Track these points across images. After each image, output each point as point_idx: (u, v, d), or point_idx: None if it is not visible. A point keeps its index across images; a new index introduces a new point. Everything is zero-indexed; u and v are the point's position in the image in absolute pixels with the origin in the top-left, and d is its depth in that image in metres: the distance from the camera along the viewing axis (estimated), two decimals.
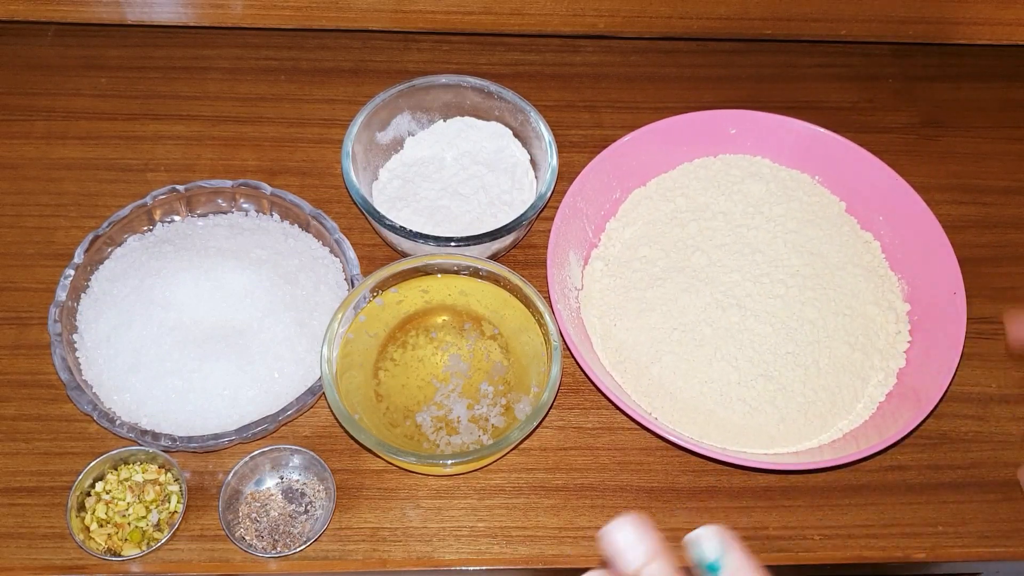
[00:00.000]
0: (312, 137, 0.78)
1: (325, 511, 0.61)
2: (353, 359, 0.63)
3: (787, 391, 0.64)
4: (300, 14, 0.78)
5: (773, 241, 0.69)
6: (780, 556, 0.62)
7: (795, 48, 0.86)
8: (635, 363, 0.65)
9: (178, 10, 0.78)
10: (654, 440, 0.65)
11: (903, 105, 0.84)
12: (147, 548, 0.58)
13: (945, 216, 0.71)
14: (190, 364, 0.61)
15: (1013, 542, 0.63)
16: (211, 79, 0.81)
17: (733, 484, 0.64)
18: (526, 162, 0.74)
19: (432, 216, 0.70)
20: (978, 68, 0.86)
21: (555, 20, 0.80)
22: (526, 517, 0.62)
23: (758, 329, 0.65)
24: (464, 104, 0.75)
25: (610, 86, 0.83)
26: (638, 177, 0.73)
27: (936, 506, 0.64)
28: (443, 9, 0.78)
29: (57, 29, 0.83)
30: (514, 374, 0.64)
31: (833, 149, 0.73)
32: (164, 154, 0.76)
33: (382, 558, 0.60)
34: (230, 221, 0.70)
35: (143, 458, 0.61)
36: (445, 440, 0.61)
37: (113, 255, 0.67)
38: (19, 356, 0.66)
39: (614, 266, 0.70)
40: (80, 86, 0.80)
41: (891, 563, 0.63)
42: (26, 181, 0.74)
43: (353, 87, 0.81)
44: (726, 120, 0.74)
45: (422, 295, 0.66)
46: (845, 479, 0.65)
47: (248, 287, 0.64)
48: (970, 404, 0.68)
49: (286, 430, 0.64)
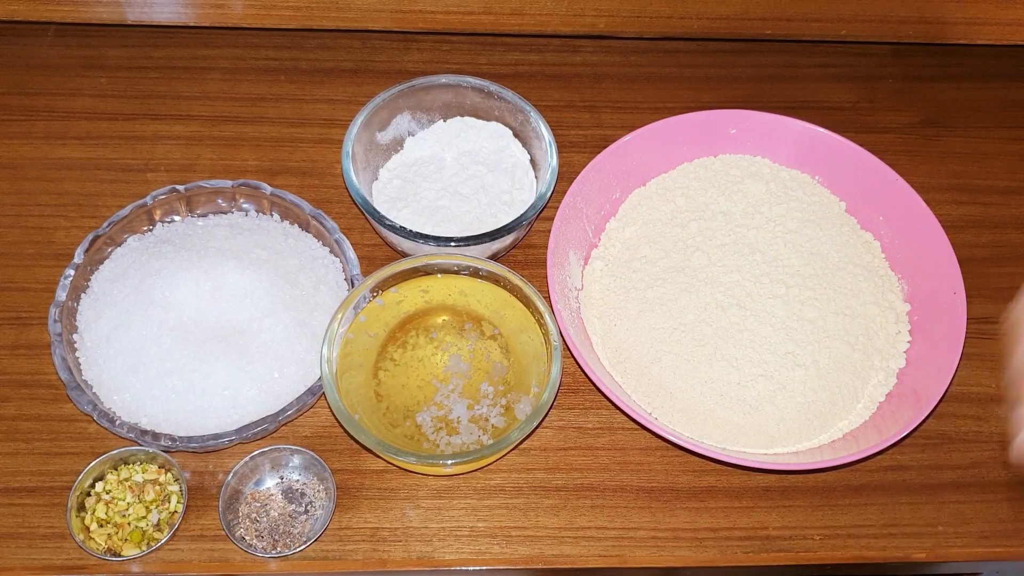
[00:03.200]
0: (312, 137, 0.78)
1: (325, 511, 0.61)
2: (353, 359, 0.63)
3: (787, 391, 0.64)
4: (300, 14, 0.78)
5: (773, 241, 0.69)
6: (780, 556, 0.62)
7: (795, 48, 0.86)
8: (635, 363, 0.65)
9: (178, 10, 0.78)
10: (654, 440, 0.65)
11: (903, 105, 0.84)
12: (147, 548, 0.58)
13: (945, 216, 0.71)
14: (190, 364, 0.61)
15: (1013, 542, 0.63)
16: (211, 79, 0.81)
17: (733, 484, 0.64)
18: (526, 162, 0.74)
19: (432, 216, 0.70)
20: (978, 68, 0.86)
21: (555, 20, 0.80)
22: (526, 517, 0.62)
23: (758, 329, 0.65)
24: (464, 104, 0.75)
25: (610, 86, 0.83)
26: (638, 177, 0.73)
27: (936, 506, 0.64)
28: (443, 9, 0.78)
29: (57, 29, 0.83)
30: (514, 374, 0.64)
31: (833, 149, 0.73)
32: (164, 154, 0.76)
33: (382, 558, 0.60)
34: (230, 221, 0.70)
35: (143, 458, 0.61)
36: (445, 440, 0.61)
37: (113, 255, 0.67)
38: (19, 356, 0.66)
39: (614, 266, 0.70)
40: (80, 86, 0.80)
41: (891, 563, 0.63)
42: (26, 181, 0.74)
43: (353, 87, 0.81)
44: (726, 120, 0.74)
45: (422, 295, 0.66)
46: (845, 479, 0.65)
47: (248, 287, 0.64)
48: (970, 404, 0.68)
49: (286, 430, 0.64)
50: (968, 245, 0.74)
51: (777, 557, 0.62)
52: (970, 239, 0.75)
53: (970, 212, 0.77)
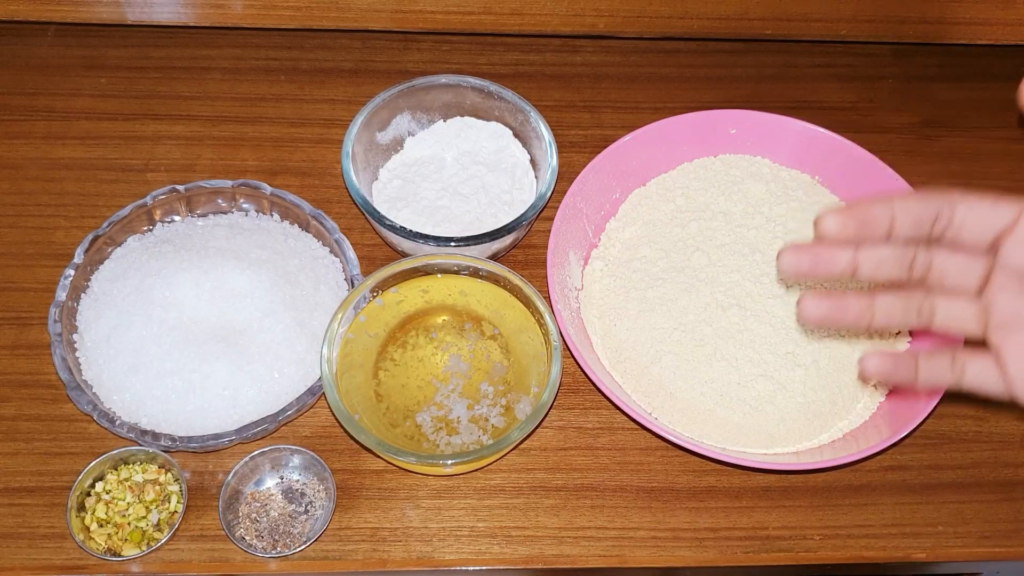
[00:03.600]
0: (312, 137, 0.78)
1: (325, 511, 0.61)
2: (353, 359, 0.63)
3: (787, 391, 0.64)
4: (300, 14, 0.78)
5: (773, 241, 0.69)
6: (780, 556, 0.62)
7: (795, 48, 0.86)
8: (635, 363, 0.65)
9: (178, 10, 0.78)
10: (654, 440, 0.65)
11: (903, 105, 0.84)
12: (147, 548, 0.58)
13: None
14: (190, 364, 0.61)
15: (1013, 542, 0.63)
16: (211, 79, 0.81)
17: (733, 484, 0.64)
18: (526, 162, 0.74)
19: (432, 216, 0.70)
20: (978, 68, 0.86)
21: (555, 20, 0.80)
22: (526, 517, 0.62)
23: (758, 329, 0.65)
24: (464, 104, 0.75)
25: (610, 86, 0.83)
26: (638, 177, 0.73)
27: (936, 506, 0.64)
28: (443, 9, 0.78)
29: (57, 29, 0.83)
30: (514, 374, 0.64)
31: (833, 149, 0.73)
32: (164, 154, 0.76)
33: (382, 558, 0.60)
34: (230, 221, 0.70)
35: (143, 458, 0.61)
36: (445, 440, 0.61)
37: (113, 255, 0.67)
38: (19, 356, 0.66)
39: (614, 266, 0.70)
40: (80, 86, 0.80)
41: (891, 563, 0.63)
42: (26, 181, 0.74)
43: (353, 87, 0.81)
44: (726, 120, 0.74)
45: (422, 295, 0.66)
46: (845, 479, 0.65)
47: (248, 287, 0.64)
48: (970, 404, 0.68)
49: (286, 430, 0.64)
50: None
51: (777, 557, 0.62)
52: None
53: None
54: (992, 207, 0.44)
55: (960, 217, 0.44)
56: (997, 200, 0.44)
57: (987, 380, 0.45)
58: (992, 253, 0.45)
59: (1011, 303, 0.45)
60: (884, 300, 0.45)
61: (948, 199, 0.44)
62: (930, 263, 0.45)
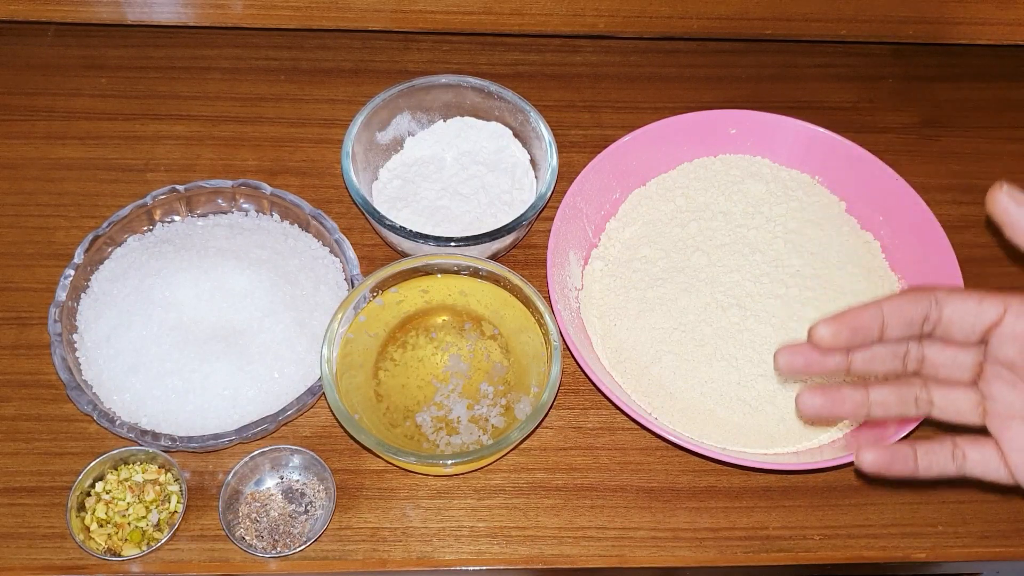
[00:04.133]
0: (312, 137, 0.78)
1: (325, 511, 0.61)
2: (353, 359, 0.63)
3: (787, 391, 0.64)
4: (300, 14, 0.78)
5: (773, 241, 0.69)
6: (780, 556, 0.62)
7: (795, 48, 0.86)
8: (635, 363, 0.65)
9: (178, 10, 0.78)
10: (654, 440, 0.65)
11: (903, 105, 0.84)
12: (147, 548, 0.58)
13: (945, 216, 0.71)
14: (190, 364, 0.61)
15: (1013, 542, 0.63)
16: (211, 79, 0.81)
17: (733, 484, 0.64)
18: (526, 162, 0.74)
19: (432, 216, 0.70)
20: (978, 68, 0.86)
21: (555, 20, 0.80)
22: (526, 517, 0.62)
23: (758, 329, 0.65)
24: (464, 104, 0.75)
25: (610, 86, 0.83)
26: (638, 177, 0.73)
27: (936, 506, 0.64)
28: (443, 9, 0.78)
29: (57, 29, 0.83)
30: (514, 374, 0.64)
31: (833, 149, 0.73)
32: (164, 154, 0.76)
33: (382, 558, 0.60)
34: (230, 221, 0.70)
35: (143, 458, 0.61)
36: (445, 440, 0.61)
37: (113, 255, 0.67)
38: (19, 356, 0.66)
39: (614, 266, 0.70)
40: (80, 86, 0.80)
41: (891, 563, 0.63)
42: (26, 181, 0.74)
43: (353, 87, 0.81)
44: (726, 120, 0.74)
45: (422, 295, 0.66)
46: (845, 479, 0.65)
47: (248, 287, 0.64)
48: None
49: (286, 430, 0.64)
50: (968, 245, 0.74)
51: (777, 557, 0.62)
52: (970, 239, 0.75)
53: (970, 212, 0.77)
54: (978, 304, 0.45)
55: (948, 315, 0.46)
56: (982, 297, 0.45)
57: (989, 468, 0.47)
58: (983, 344, 0.46)
59: (1006, 394, 0.46)
60: (880, 392, 0.47)
61: (935, 297, 0.45)
62: (923, 356, 0.47)
